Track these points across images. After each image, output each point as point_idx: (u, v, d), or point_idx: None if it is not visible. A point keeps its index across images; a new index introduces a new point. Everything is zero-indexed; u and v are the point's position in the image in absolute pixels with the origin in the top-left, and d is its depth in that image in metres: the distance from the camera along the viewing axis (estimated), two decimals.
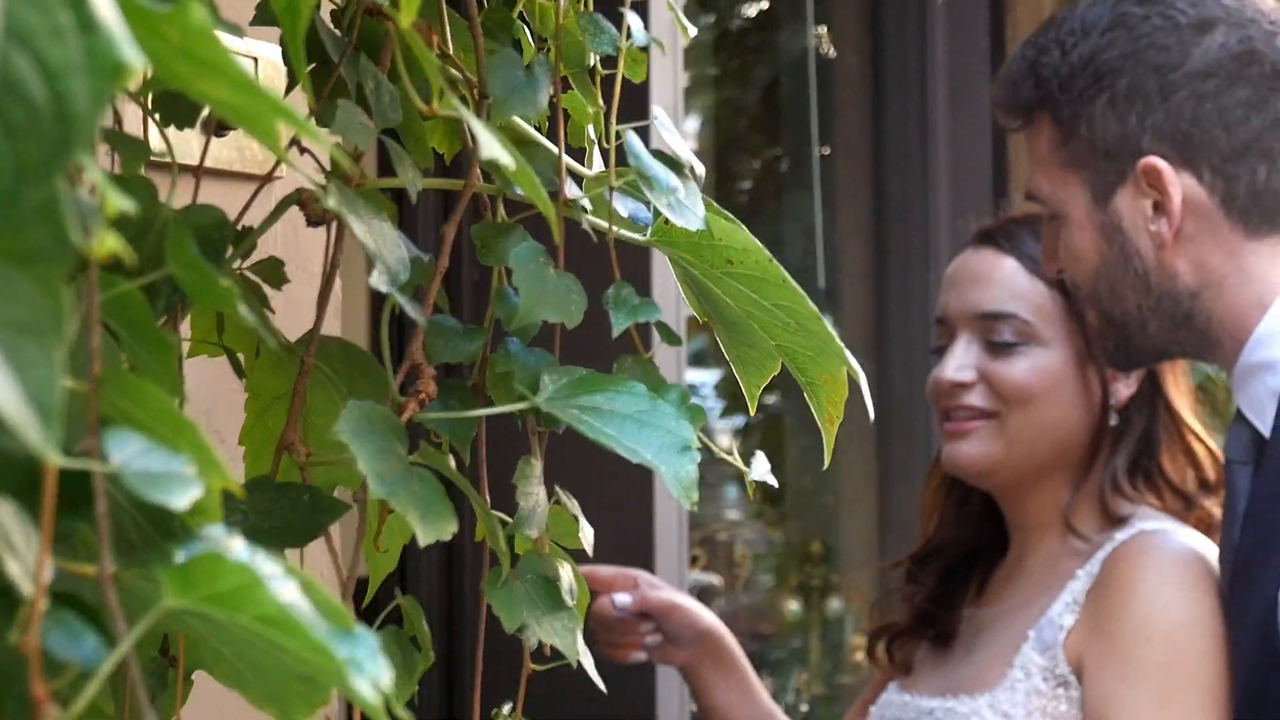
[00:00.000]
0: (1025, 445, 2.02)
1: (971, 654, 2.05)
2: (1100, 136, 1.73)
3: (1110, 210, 1.74)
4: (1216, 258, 1.72)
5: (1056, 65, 1.75)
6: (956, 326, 2.06)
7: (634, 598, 2.20)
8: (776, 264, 0.92)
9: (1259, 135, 1.70)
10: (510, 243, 0.89)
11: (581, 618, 0.97)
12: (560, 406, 0.88)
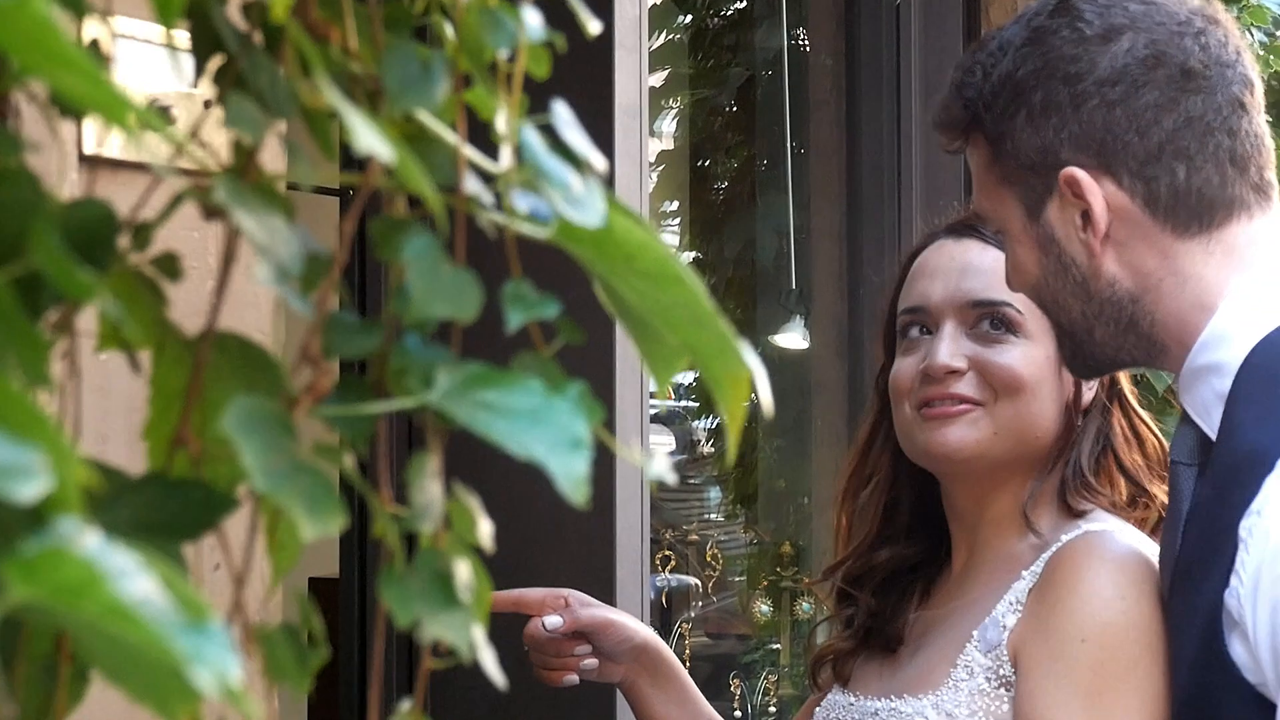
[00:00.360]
0: (1009, 436, 2.02)
1: (917, 655, 2.05)
2: (1023, 151, 1.75)
3: (1043, 223, 1.76)
4: (1150, 261, 1.74)
5: (979, 86, 1.78)
6: (942, 315, 2.05)
7: (564, 618, 2.20)
8: (675, 261, 0.91)
9: (1172, 136, 1.72)
10: (407, 238, 0.89)
11: (483, 615, 0.97)
12: (453, 402, 0.88)
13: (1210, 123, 1.72)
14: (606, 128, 2.83)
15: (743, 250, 4.54)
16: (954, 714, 1.94)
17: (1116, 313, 1.76)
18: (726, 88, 4.58)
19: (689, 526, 4.72)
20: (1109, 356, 1.80)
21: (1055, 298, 1.78)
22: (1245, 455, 1.63)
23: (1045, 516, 2.02)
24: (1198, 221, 1.73)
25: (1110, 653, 1.85)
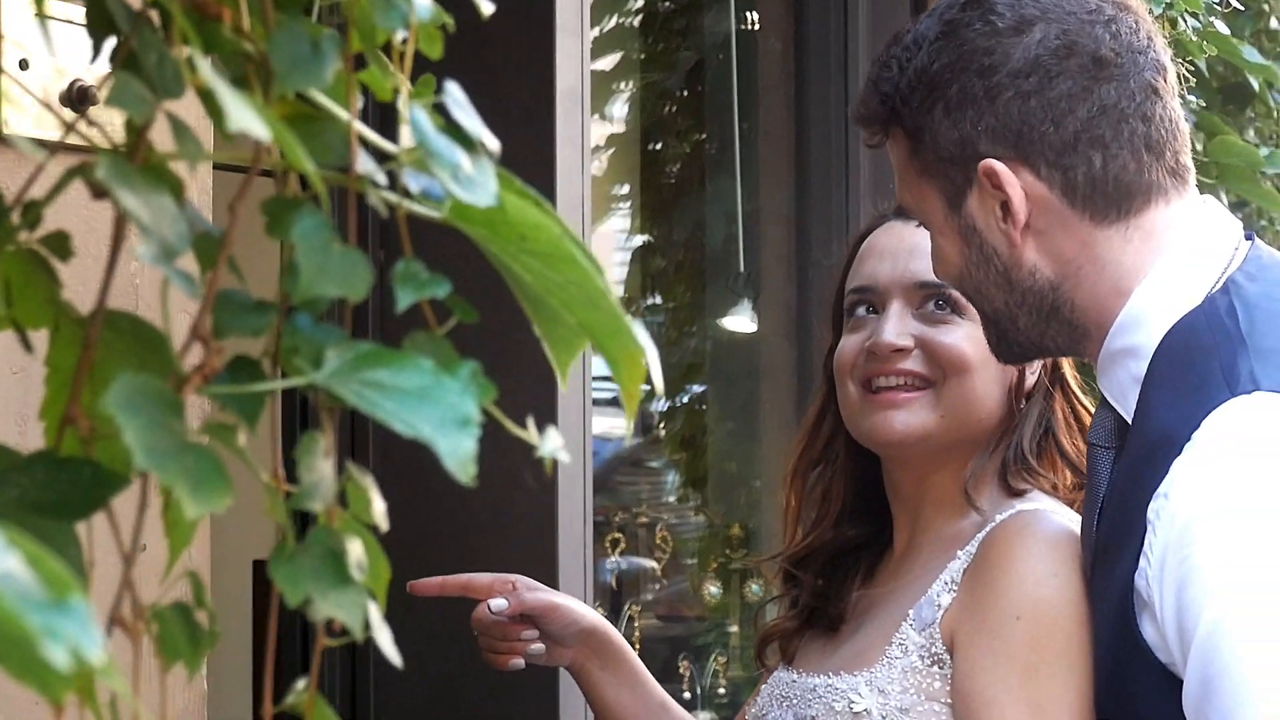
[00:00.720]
0: (954, 418, 2.04)
1: (857, 633, 2.07)
2: (942, 145, 1.76)
3: (964, 214, 1.78)
4: (1070, 249, 1.75)
5: (895, 81, 1.79)
6: (889, 295, 2.07)
7: (509, 602, 2.21)
8: (568, 240, 0.92)
9: (1087, 125, 1.73)
10: (297, 217, 0.89)
11: (381, 594, 0.97)
12: (341, 382, 0.88)
13: (1124, 110, 1.73)
14: (548, 112, 2.83)
15: (692, 234, 4.54)
16: (887, 690, 1.96)
17: (1038, 301, 1.77)
18: (676, 72, 4.57)
19: (639, 509, 4.73)
20: (1034, 343, 1.82)
21: (978, 287, 1.80)
22: (1157, 438, 1.64)
23: (985, 497, 2.04)
24: (1115, 209, 1.74)
25: (1044, 629, 1.87)
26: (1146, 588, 1.62)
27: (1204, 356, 1.65)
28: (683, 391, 4.64)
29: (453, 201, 0.93)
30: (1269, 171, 4.39)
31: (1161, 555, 1.60)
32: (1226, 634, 1.54)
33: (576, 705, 2.84)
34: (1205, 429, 1.60)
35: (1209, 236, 1.76)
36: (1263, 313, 1.67)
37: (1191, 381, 1.65)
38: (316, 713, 0.97)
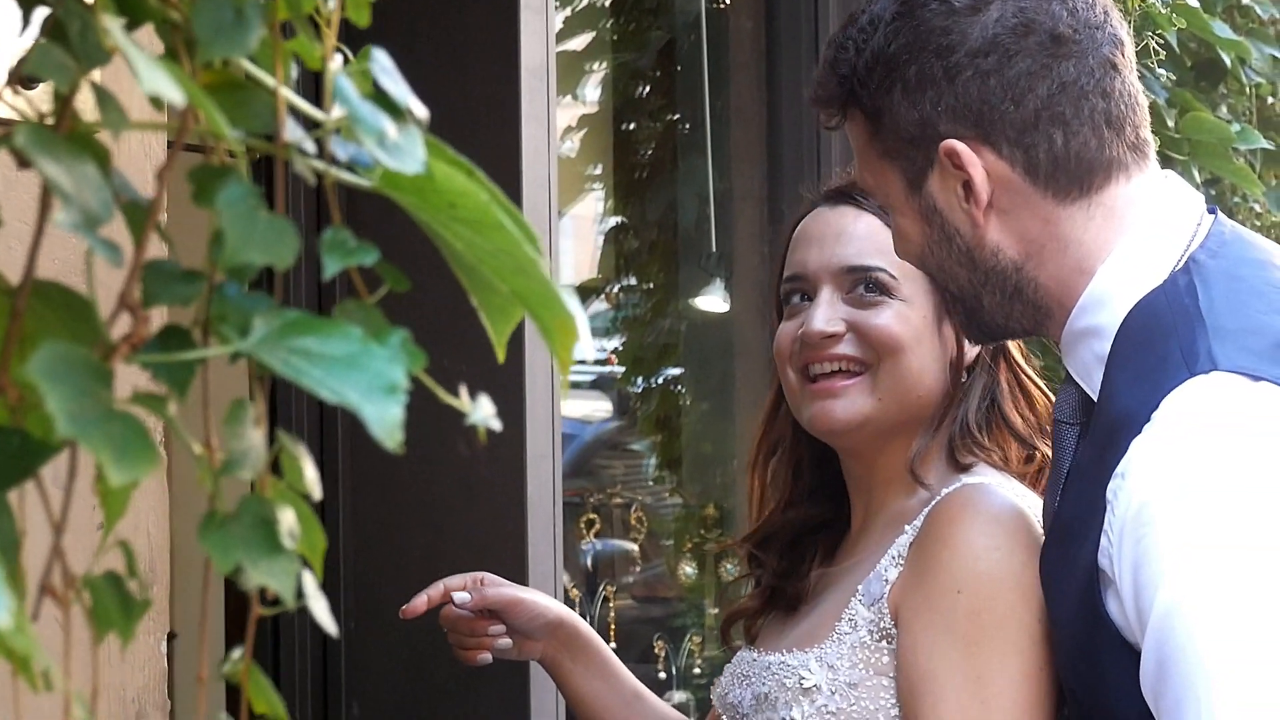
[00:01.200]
0: (893, 399, 2.04)
1: (812, 611, 2.08)
2: (902, 125, 1.76)
3: (925, 194, 1.77)
4: (1033, 227, 1.75)
5: (853, 62, 1.78)
6: (819, 281, 2.08)
7: (472, 595, 2.23)
8: (496, 207, 0.92)
9: (1047, 103, 1.72)
10: (222, 185, 0.89)
11: (317, 563, 0.97)
12: (268, 350, 0.88)
13: (1084, 87, 1.73)
14: (513, 90, 2.83)
15: (664, 214, 4.54)
16: (836, 666, 1.96)
17: (1002, 281, 1.77)
18: (647, 51, 4.57)
19: (613, 489, 4.73)
20: (1000, 324, 1.82)
21: (941, 266, 1.80)
22: (1117, 418, 1.64)
23: (933, 472, 2.04)
24: (1078, 186, 1.73)
25: (985, 602, 1.87)
26: (1109, 566, 1.62)
27: (1163, 336, 1.65)
28: (657, 372, 4.64)
29: (383, 170, 0.93)
30: (1241, 148, 4.40)
31: (1119, 535, 1.60)
32: (1181, 615, 1.54)
33: (547, 689, 2.84)
34: (1163, 409, 1.60)
35: (1171, 213, 1.75)
36: (1222, 291, 1.67)
37: (1151, 361, 1.64)
38: (252, 681, 0.97)
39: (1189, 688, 1.52)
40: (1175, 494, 1.57)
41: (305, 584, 0.96)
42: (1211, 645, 1.52)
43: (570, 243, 5.45)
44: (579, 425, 6.21)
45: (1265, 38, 4.67)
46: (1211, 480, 1.56)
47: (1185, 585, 1.54)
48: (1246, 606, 1.52)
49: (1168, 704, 1.55)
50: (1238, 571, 1.52)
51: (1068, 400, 1.80)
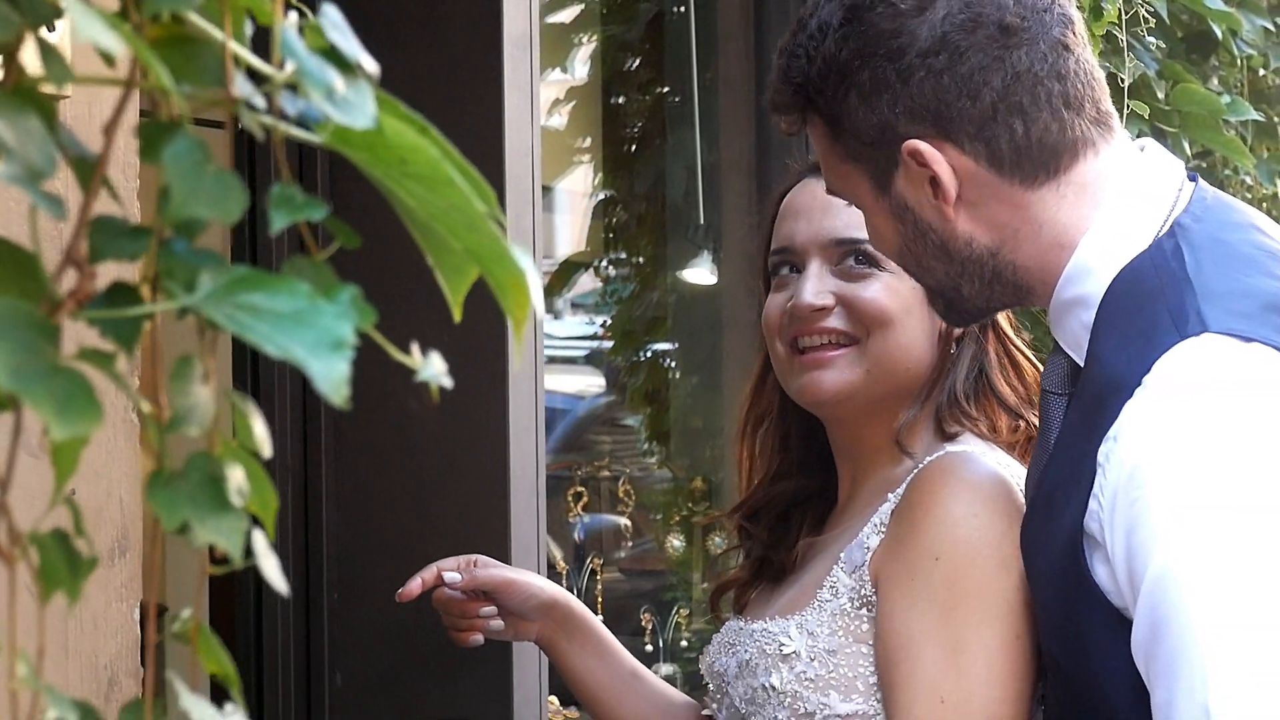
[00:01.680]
0: (882, 371, 2.04)
1: (797, 580, 2.08)
2: (861, 130, 1.75)
3: (893, 194, 1.77)
4: (1004, 215, 1.74)
5: (805, 70, 1.77)
6: (808, 254, 2.08)
7: (463, 577, 2.24)
8: (446, 163, 0.91)
9: (1004, 94, 1.72)
10: (169, 140, 0.88)
11: (269, 521, 0.97)
12: (214, 305, 0.87)
13: (1038, 73, 1.72)
14: (495, 60, 2.81)
15: (653, 186, 4.53)
16: (815, 633, 1.96)
17: (978, 269, 1.77)
18: (636, 23, 4.56)
19: (600, 463, 4.73)
20: (980, 307, 1.82)
21: (918, 261, 1.79)
22: (1106, 383, 1.64)
23: (919, 442, 2.04)
24: (1044, 170, 1.73)
25: (963, 570, 1.87)
26: (1099, 530, 1.61)
27: (1151, 300, 1.64)
28: (646, 346, 4.64)
29: (334, 126, 0.92)
30: (1232, 120, 4.38)
31: (1112, 498, 1.59)
32: (1175, 578, 1.53)
33: (530, 661, 2.84)
34: (1154, 372, 1.59)
35: (1150, 181, 1.75)
36: (1209, 254, 1.66)
37: (1140, 325, 1.64)
38: (201, 642, 0.96)
39: (1182, 651, 1.51)
40: (1169, 457, 1.56)
41: (255, 542, 0.95)
42: (1206, 609, 1.51)
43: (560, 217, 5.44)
44: (573, 400, 6.21)
45: (1256, 9, 4.65)
46: (1206, 443, 1.55)
47: (1180, 548, 1.53)
48: (1241, 569, 1.51)
49: (1160, 668, 1.54)
50: (1233, 534, 1.52)
51: (1056, 370, 1.79)
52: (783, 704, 1.97)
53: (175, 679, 0.94)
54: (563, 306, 6.92)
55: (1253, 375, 1.57)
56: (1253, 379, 1.57)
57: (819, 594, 1.98)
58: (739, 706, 2.03)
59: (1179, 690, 1.51)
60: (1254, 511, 1.52)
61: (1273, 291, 1.63)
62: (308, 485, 2.95)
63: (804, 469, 2.18)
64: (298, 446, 2.95)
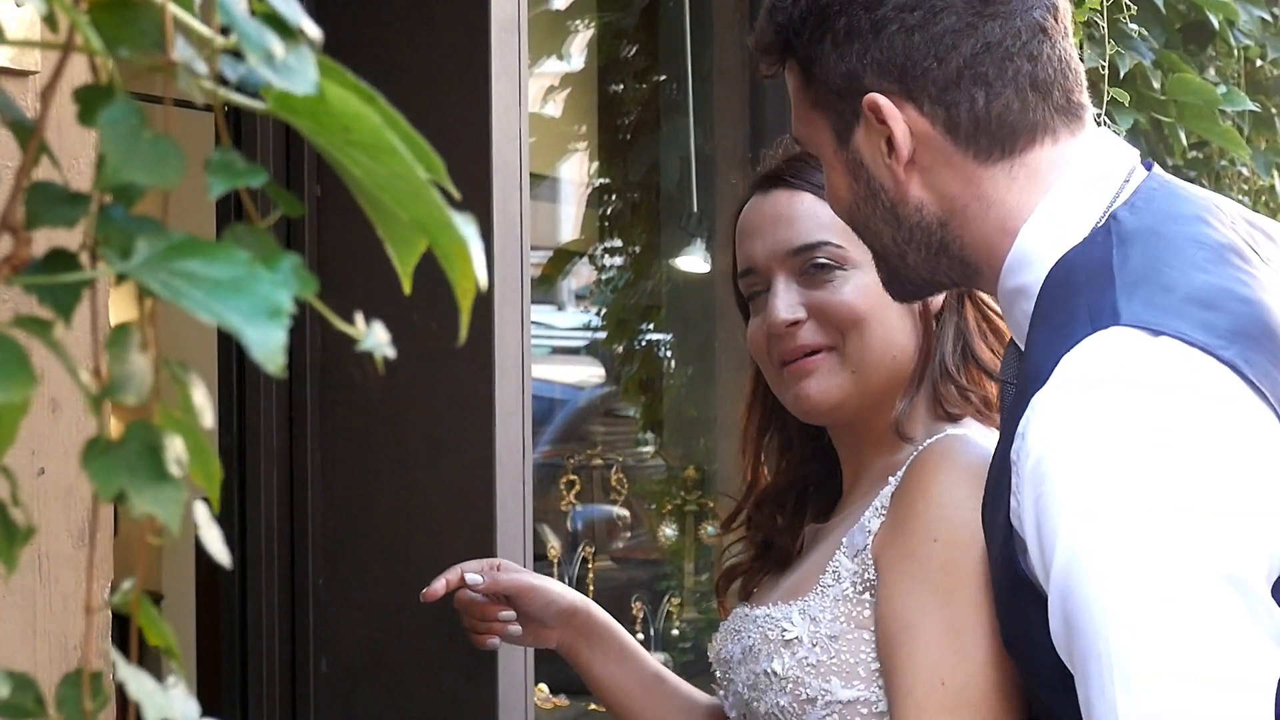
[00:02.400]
0: (868, 369, 2.04)
1: (801, 565, 2.08)
2: (830, 77, 1.75)
3: (851, 148, 1.76)
4: (955, 186, 1.74)
5: (789, 12, 1.78)
6: (771, 270, 2.08)
7: (484, 579, 2.25)
8: (389, 130, 0.90)
9: (971, 62, 1.71)
10: (105, 105, 0.87)
11: (214, 493, 0.96)
12: (150, 272, 0.86)
13: (1009, 48, 1.71)
14: (483, 45, 2.81)
15: (647, 174, 4.52)
16: (818, 618, 1.96)
17: (926, 237, 1.76)
18: (632, 10, 4.54)
19: (593, 452, 4.72)
20: (925, 279, 1.81)
21: (867, 222, 1.79)
22: (1030, 375, 1.63)
23: (919, 425, 2.04)
24: (1000, 147, 1.72)
25: (961, 551, 1.86)
26: (1020, 525, 1.61)
27: (1075, 293, 1.64)
28: (640, 335, 4.62)
29: (277, 93, 0.91)
30: (1228, 110, 4.36)
31: (1022, 493, 1.60)
32: (1079, 570, 1.52)
33: (515, 650, 2.84)
34: (1061, 365, 1.58)
35: (1097, 172, 1.73)
36: (1139, 246, 1.65)
37: (1062, 318, 1.63)
38: (142, 613, 0.95)
39: (1092, 645, 1.51)
40: (1069, 449, 1.55)
41: (197, 514, 0.94)
42: (1108, 603, 1.50)
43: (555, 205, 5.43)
44: (573, 391, 6.20)
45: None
46: (1104, 435, 1.54)
47: (1079, 541, 1.53)
48: (1138, 561, 1.50)
49: (1078, 660, 1.54)
50: (1129, 526, 1.51)
51: (1010, 360, 1.80)
52: (784, 689, 1.97)
53: (113, 650, 0.93)
54: (566, 298, 6.92)
55: (1155, 369, 1.56)
56: (1154, 372, 1.56)
57: (822, 579, 1.98)
58: (742, 692, 2.03)
59: (1091, 684, 1.51)
60: (1151, 503, 1.51)
61: (1199, 284, 1.61)
62: (293, 472, 2.95)
63: (809, 462, 2.19)
64: (284, 433, 2.95)
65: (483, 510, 2.83)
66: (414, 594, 2.30)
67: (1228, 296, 1.61)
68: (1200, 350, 1.55)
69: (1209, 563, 1.49)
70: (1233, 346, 1.56)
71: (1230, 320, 1.58)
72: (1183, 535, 1.50)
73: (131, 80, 0.91)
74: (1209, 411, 1.54)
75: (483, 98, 2.80)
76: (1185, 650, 1.48)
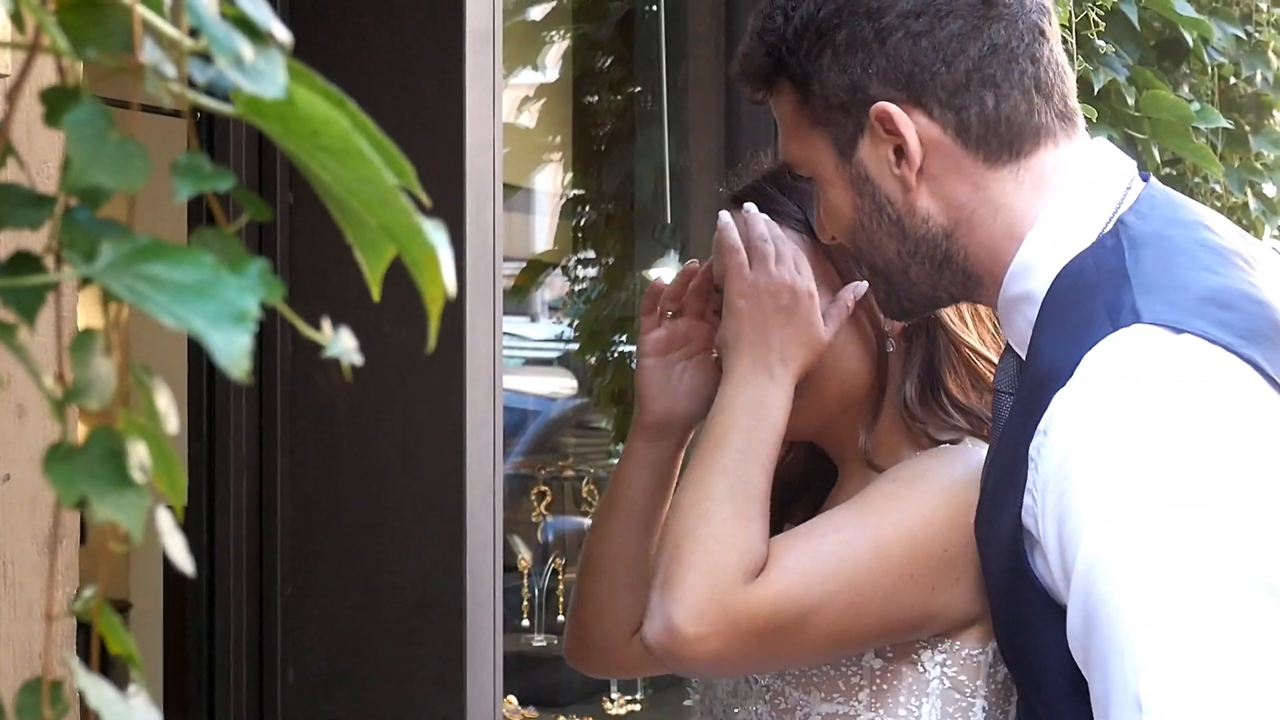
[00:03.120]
0: (813, 389, 2.00)
1: None
2: (832, 92, 1.74)
3: (855, 162, 1.76)
4: (963, 192, 1.73)
5: (781, 30, 1.77)
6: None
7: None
8: (358, 134, 0.89)
9: (979, 64, 1.72)
10: (71, 106, 0.86)
11: (178, 500, 0.94)
12: (114, 276, 0.85)
13: (1014, 50, 1.72)
14: (458, 53, 2.79)
15: (621, 185, 4.51)
16: None
17: (931, 250, 1.76)
18: (606, 22, 4.53)
19: (565, 463, 4.71)
20: (925, 295, 1.80)
21: (870, 239, 1.78)
22: (1041, 376, 1.63)
23: (894, 453, 2.01)
24: (1008, 150, 1.73)
25: (908, 493, 1.87)
26: (1035, 525, 1.61)
27: (1089, 295, 1.64)
28: (612, 346, 4.61)
29: (246, 97, 0.90)
30: (1202, 127, 4.37)
31: (1043, 491, 1.59)
32: (1103, 567, 1.52)
33: (484, 662, 2.82)
34: (1085, 363, 1.58)
35: (1099, 178, 1.74)
36: (1151, 249, 1.66)
37: (1077, 319, 1.63)
38: (104, 621, 0.94)
39: (1113, 642, 1.50)
40: (1096, 446, 1.55)
41: (160, 521, 0.93)
42: (1134, 598, 1.50)
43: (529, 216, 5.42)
44: (544, 402, 6.19)
45: (1228, 17, 4.65)
46: (1132, 432, 1.54)
47: (1106, 538, 1.52)
48: (1166, 557, 1.49)
49: (1095, 659, 1.53)
50: (1158, 523, 1.51)
51: (1006, 370, 1.79)
52: (763, 698, 1.96)
53: (73, 658, 0.92)
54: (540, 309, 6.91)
55: (1180, 365, 1.56)
56: (1180, 369, 1.56)
57: None
58: (722, 698, 2.02)
59: (1112, 682, 1.50)
60: (1178, 500, 1.51)
61: (1212, 285, 1.62)
62: (263, 480, 2.93)
63: (810, 459, 2.16)
64: (253, 442, 2.93)
65: (453, 521, 2.82)
66: (383, 604, 2.28)
67: (1240, 297, 1.61)
68: (1222, 348, 1.55)
69: (1238, 562, 1.48)
70: (1251, 345, 1.56)
71: (1245, 320, 1.59)
72: (1212, 534, 1.49)
73: (98, 83, 0.91)
74: (1235, 408, 1.54)
75: (456, 107, 2.79)
76: (1212, 646, 1.47)
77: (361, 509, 2.88)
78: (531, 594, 4.18)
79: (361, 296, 2.05)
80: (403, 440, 2.85)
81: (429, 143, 2.72)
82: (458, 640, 2.79)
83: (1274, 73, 4.92)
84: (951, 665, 1.91)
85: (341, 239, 0.97)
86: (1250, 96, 4.92)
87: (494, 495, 2.89)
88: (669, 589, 1.79)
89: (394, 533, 2.85)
